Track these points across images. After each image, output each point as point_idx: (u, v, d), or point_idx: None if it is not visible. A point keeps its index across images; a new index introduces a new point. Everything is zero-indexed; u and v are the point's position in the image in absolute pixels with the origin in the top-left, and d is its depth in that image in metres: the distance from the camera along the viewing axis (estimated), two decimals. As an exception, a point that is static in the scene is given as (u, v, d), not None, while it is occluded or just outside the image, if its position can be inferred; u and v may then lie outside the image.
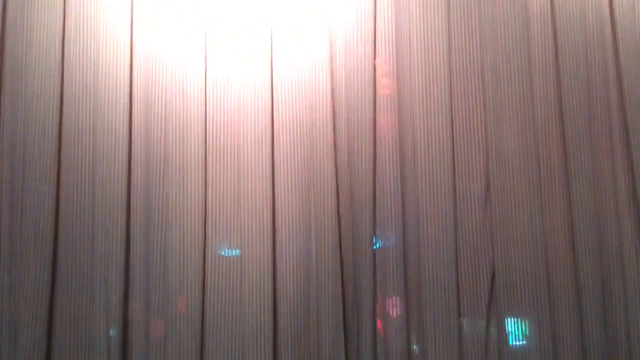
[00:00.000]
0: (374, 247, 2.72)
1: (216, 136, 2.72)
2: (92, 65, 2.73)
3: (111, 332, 2.60)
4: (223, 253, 2.68)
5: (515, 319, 2.69)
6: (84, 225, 2.66)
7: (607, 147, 2.80)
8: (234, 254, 2.69)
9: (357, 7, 2.83)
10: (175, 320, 2.61)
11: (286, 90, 2.76)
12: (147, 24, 2.77)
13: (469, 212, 2.73)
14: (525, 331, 2.69)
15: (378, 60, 2.83)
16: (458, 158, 2.76)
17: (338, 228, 2.71)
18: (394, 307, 2.69)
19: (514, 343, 2.69)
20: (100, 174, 2.68)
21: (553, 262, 2.72)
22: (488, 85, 2.80)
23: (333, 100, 2.78)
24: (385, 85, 2.83)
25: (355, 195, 2.73)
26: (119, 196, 2.67)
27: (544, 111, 2.80)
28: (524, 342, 2.69)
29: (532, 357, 2.67)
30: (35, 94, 2.71)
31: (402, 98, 2.79)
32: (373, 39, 2.80)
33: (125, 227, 2.66)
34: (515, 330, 2.69)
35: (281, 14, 2.82)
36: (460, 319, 2.68)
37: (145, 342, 2.61)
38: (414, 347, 2.68)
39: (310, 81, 2.78)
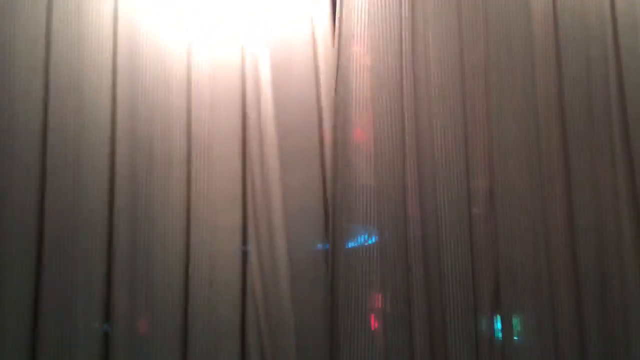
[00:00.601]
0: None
1: (200, 131, 2.69)
2: (76, 60, 2.68)
3: (94, 327, 2.56)
4: (209, 249, 2.64)
5: (518, 316, 2.67)
6: (68, 221, 2.61)
7: (607, 145, 2.78)
8: (221, 250, 2.65)
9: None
10: (158, 314, 2.58)
11: (276, 86, 2.74)
12: (131, 18, 2.72)
13: (474, 209, 2.72)
14: (528, 327, 2.67)
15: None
16: (469, 155, 2.75)
17: (324, 224, 2.71)
18: (410, 305, 2.64)
19: (516, 339, 2.66)
20: (84, 170, 2.64)
21: (554, 260, 2.70)
22: (492, 84, 2.78)
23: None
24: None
25: (381, 190, 2.71)
26: (102, 192, 2.64)
27: (546, 109, 2.79)
28: (527, 339, 2.67)
29: (534, 353, 2.64)
30: (20, 90, 2.66)
31: (419, 97, 2.77)
32: (399, 38, 2.77)
33: (108, 223, 2.62)
34: (518, 326, 2.67)
35: (275, 16, 2.79)
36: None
37: (129, 336, 2.56)
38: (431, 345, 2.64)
39: (301, 77, 2.77)
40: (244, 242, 2.67)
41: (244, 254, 2.67)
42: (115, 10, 2.72)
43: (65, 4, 2.71)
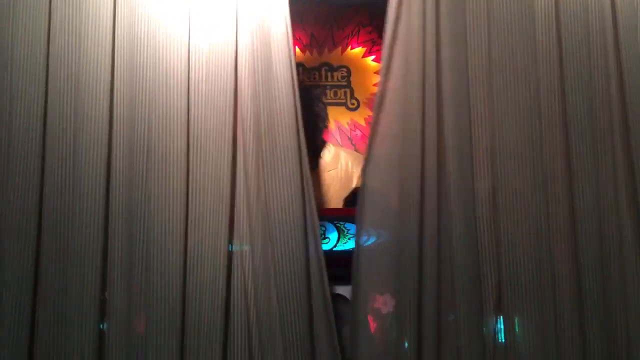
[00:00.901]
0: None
1: (199, 129, 2.68)
2: (75, 58, 2.68)
3: (91, 325, 2.54)
4: (206, 247, 2.63)
5: (520, 317, 2.65)
6: (66, 219, 2.60)
7: (608, 146, 2.77)
8: (216, 247, 2.64)
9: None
10: (155, 312, 2.55)
11: (261, 83, 2.73)
12: (130, 15, 2.72)
13: (478, 210, 2.72)
14: (530, 329, 2.65)
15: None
16: (473, 158, 2.75)
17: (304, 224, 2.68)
18: (420, 306, 2.64)
19: (519, 340, 2.65)
20: (82, 167, 2.63)
21: (557, 261, 2.68)
22: (495, 85, 2.78)
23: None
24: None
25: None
26: (100, 191, 2.63)
27: (549, 111, 2.78)
28: (529, 340, 2.65)
29: (537, 354, 2.62)
30: (19, 88, 2.66)
31: (439, 100, 2.79)
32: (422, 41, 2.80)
33: (105, 221, 2.61)
34: (520, 327, 2.66)
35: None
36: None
37: (126, 336, 2.55)
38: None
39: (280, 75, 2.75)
40: (232, 240, 2.67)
41: (235, 252, 2.67)
42: (114, 6, 2.72)
43: (65, 3, 2.71)
